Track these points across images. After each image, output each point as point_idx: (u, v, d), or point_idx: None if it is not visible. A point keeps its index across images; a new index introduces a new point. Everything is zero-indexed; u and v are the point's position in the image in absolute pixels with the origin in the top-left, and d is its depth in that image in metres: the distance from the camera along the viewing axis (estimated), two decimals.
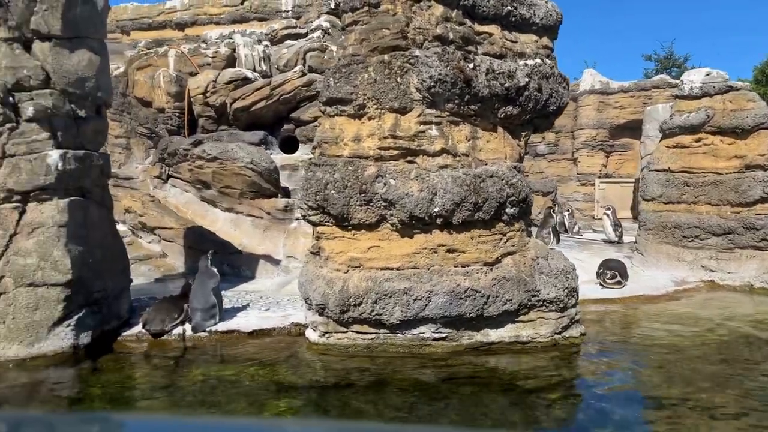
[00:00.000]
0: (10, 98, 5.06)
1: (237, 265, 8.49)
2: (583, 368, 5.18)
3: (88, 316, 5.34)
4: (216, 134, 9.76)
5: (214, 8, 11.99)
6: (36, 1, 5.21)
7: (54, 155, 5.10)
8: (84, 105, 5.57)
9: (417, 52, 4.90)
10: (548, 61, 5.73)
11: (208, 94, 9.62)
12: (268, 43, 10.73)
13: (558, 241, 8.98)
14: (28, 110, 5.10)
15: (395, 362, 5.09)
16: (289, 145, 10.44)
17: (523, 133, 5.66)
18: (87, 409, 4.41)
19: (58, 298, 5.06)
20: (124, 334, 5.75)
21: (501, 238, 5.20)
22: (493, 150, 5.30)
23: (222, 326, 5.93)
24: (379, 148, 5.04)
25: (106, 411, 4.36)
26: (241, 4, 11.85)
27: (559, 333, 5.35)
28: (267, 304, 6.86)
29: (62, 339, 5.09)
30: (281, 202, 9.20)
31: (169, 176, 9.41)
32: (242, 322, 6.07)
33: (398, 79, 4.92)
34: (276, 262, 8.81)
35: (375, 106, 5.02)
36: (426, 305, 5.01)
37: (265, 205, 9.17)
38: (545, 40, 5.88)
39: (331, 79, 5.15)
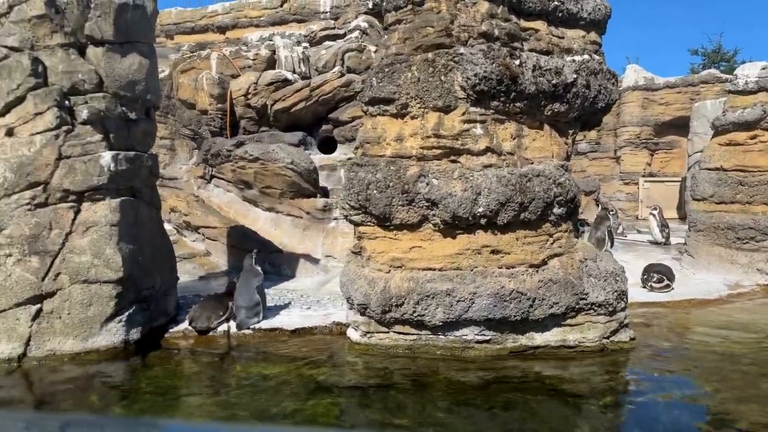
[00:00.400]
0: (66, 102, 5.27)
1: (278, 264, 8.61)
2: (633, 375, 4.99)
3: (138, 312, 5.50)
4: (257, 135, 9.92)
5: (254, 11, 12.20)
6: (90, 8, 5.41)
7: (107, 156, 5.27)
8: (134, 107, 5.74)
9: (462, 50, 4.83)
10: (596, 57, 5.56)
11: (249, 96, 9.79)
12: (307, 44, 10.84)
13: (612, 243, 8.69)
14: (83, 113, 5.29)
15: (437, 364, 5.04)
16: (328, 146, 10.52)
17: (571, 131, 5.50)
18: (136, 402, 4.54)
19: (110, 294, 5.23)
20: (171, 330, 5.90)
21: (548, 239, 5.07)
22: (539, 148, 5.17)
23: (266, 324, 6.01)
24: (422, 148, 5.00)
25: (153, 410, 4.45)
26: (281, 6, 12.01)
27: (608, 337, 5.18)
28: (308, 303, 6.92)
29: (114, 334, 5.26)
30: (320, 201, 9.28)
31: (212, 176, 9.63)
32: (285, 320, 6.13)
33: (442, 78, 4.86)
34: (315, 261, 8.88)
35: (418, 105, 4.98)
36: (469, 307, 4.94)
37: (304, 204, 9.27)
38: (593, 35, 5.70)
39: (373, 78, 5.14)
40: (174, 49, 11.83)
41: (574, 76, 5.23)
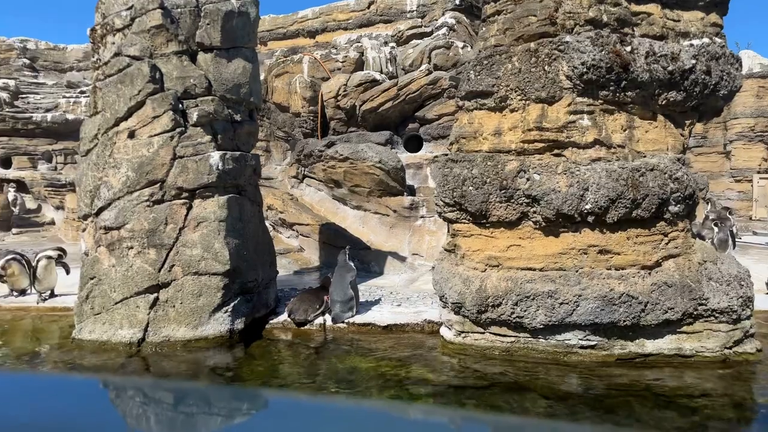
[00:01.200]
0: (180, 105, 5.66)
1: (366, 261, 8.73)
2: (761, 389, 4.47)
3: (242, 303, 5.79)
4: (345, 136, 10.13)
5: (342, 14, 12.47)
6: (200, 16, 5.78)
7: (215, 156, 5.60)
8: (239, 110, 6.06)
9: (567, 38, 4.58)
10: (718, 40, 5.05)
11: (339, 98, 10.01)
12: (394, 44, 10.90)
13: (735, 245, 7.91)
14: (194, 116, 5.66)
15: (537, 368, 4.81)
16: (414, 144, 10.51)
17: (687, 122, 5.05)
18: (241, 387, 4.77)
19: (217, 286, 5.55)
20: (271, 321, 6.16)
21: (662, 239, 4.67)
22: (652, 141, 4.79)
23: (359, 319, 6.09)
24: (522, 142, 4.81)
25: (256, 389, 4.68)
26: (368, 8, 12.19)
27: (730, 348, 4.68)
28: (398, 300, 6.94)
29: (221, 324, 5.57)
30: (407, 200, 9.29)
31: (304, 176, 9.96)
32: (377, 316, 6.18)
33: (546, 68, 4.65)
34: (402, 259, 8.90)
35: (519, 98, 4.80)
36: (573, 310, 4.67)
37: (391, 203, 9.33)
38: (713, 17, 5.19)
39: (471, 72, 5.02)
40: (267, 54, 12.40)
41: (693, 61, 4.78)
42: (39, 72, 15.86)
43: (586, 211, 4.56)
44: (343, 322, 6.02)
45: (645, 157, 4.72)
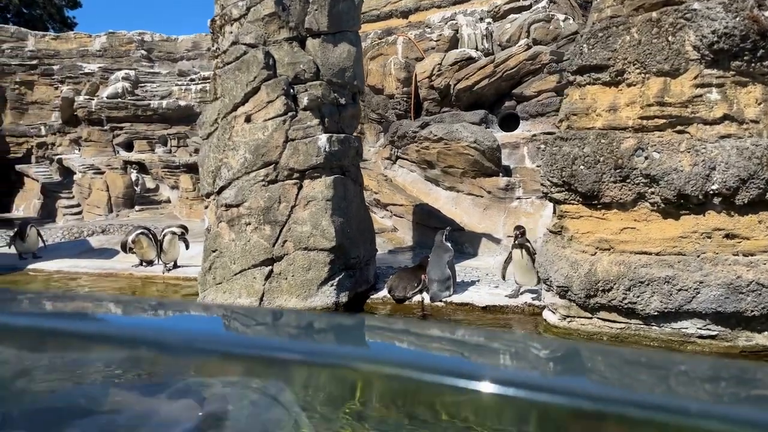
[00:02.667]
0: (291, 90, 5.97)
1: (460, 242, 8.73)
2: None
3: (346, 278, 6.08)
4: (438, 116, 10.11)
5: None
6: (309, 2, 6.02)
7: (323, 138, 5.87)
8: (343, 93, 6.27)
9: (695, 5, 4.24)
10: None
11: (433, 78, 9.99)
12: (490, 20, 10.63)
13: None
14: (304, 100, 5.95)
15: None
16: (509, 123, 10.26)
17: None
18: None
19: (324, 261, 5.87)
20: (372, 297, 6.42)
21: None
22: None
23: (456, 298, 6.17)
24: (641, 118, 4.55)
25: None
26: None
27: None
28: (495, 282, 6.90)
29: (327, 296, 5.90)
30: (502, 180, 9.13)
31: (397, 157, 10.11)
32: (475, 297, 6.22)
33: (669, 38, 4.34)
34: (497, 241, 8.81)
35: (637, 71, 4.54)
36: (693, 297, 4.41)
37: (485, 183, 9.21)
38: None
39: (584, 45, 4.81)
40: (361, 37, 12.58)
41: None
42: (154, 62, 17.32)
43: (712, 192, 4.25)
44: (440, 300, 6.13)
45: None
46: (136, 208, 14.25)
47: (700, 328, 4.52)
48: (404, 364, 1.27)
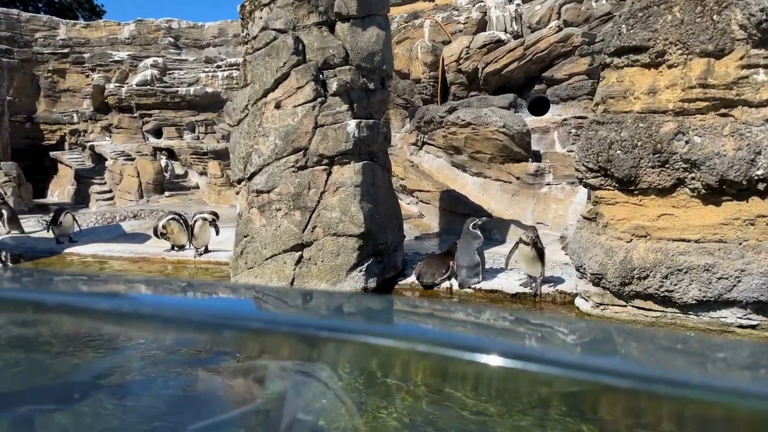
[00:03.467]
0: (320, 76, 5.94)
1: (488, 229, 8.64)
2: None
3: (374, 264, 6.09)
4: (466, 101, 9.96)
5: None
6: None
7: (352, 124, 5.84)
8: (372, 78, 6.22)
9: None
10: None
11: (461, 61, 9.83)
12: (519, 1, 10.38)
13: None
14: (333, 85, 5.92)
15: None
16: (538, 107, 10.05)
17: None
18: None
19: (353, 247, 5.88)
20: (400, 282, 6.42)
21: None
22: None
23: (485, 285, 6.13)
24: (682, 101, 4.39)
25: None
26: None
27: None
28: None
29: (356, 281, 5.92)
30: (532, 166, 8.97)
31: (423, 143, 10.03)
32: (504, 284, 6.17)
33: (714, 17, 4.16)
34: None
35: (679, 52, 4.37)
36: (734, 286, 4.28)
37: (514, 169, 9.08)
38: None
39: (623, 26, 4.65)
40: None
41: None
42: (181, 49, 17.49)
43: (756, 178, 4.09)
44: (469, 287, 6.10)
45: None
46: (166, 193, 14.52)
47: (740, 318, 4.40)
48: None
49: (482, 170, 9.37)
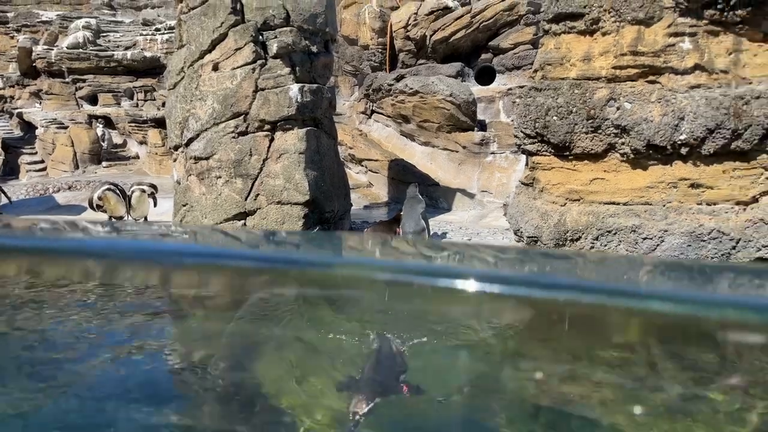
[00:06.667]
0: (260, 37, 5.74)
1: (435, 197, 8.78)
2: None
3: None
4: (414, 69, 9.92)
5: None
6: None
7: (294, 89, 5.71)
8: (315, 41, 6.07)
9: None
10: None
11: (409, 28, 9.74)
12: None
13: None
14: (273, 47, 5.74)
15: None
16: (485, 76, 10.15)
17: None
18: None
19: (298, 215, 5.83)
20: None
21: (762, 173, 4.36)
22: (761, 65, 4.36)
23: None
24: (614, 68, 4.53)
25: None
26: None
27: None
28: (468, 234, 7.01)
29: None
30: (477, 135, 9.11)
31: (372, 112, 9.96)
32: None
33: None
34: (471, 196, 8.88)
35: (612, 19, 4.48)
36: (657, 245, 4.54)
37: (460, 138, 9.19)
38: None
39: None
40: None
41: None
42: (116, 10, 16.41)
43: (680, 142, 4.31)
44: None
45: (751, 83, 4.34)
46: (104, 164, 13.83)
47: None
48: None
49: (430, 139, 9.44)
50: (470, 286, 1.58)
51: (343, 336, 1.88)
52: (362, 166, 9.50)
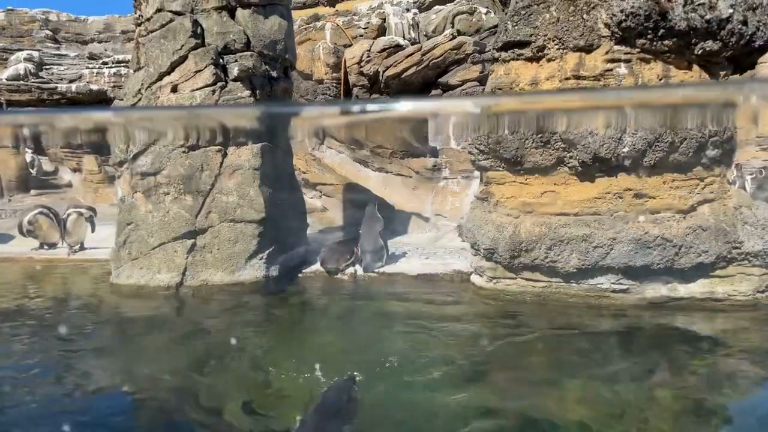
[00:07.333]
0: (221, 60, 5.76)
1: (390, 220, 8.85)
2: None
3: (276, 251, 5.95)
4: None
5: None
6: None
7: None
8: (275, 66, 6.16)
9: None
10: None
11: (362, 64, 10.06)
12: (416, 10, 10.90)
13: None
14: (234, 70, 5.76)
15: (569, 312, 4.94)
16: None
17: (722, 73, 5.06)
18: (275, 331, 4.97)
19: (253, 233, 5.71)
20: (304, 270, 6.33)
21: (698, 184, 4.75)
22: None
23: (389, 269, 6.25)
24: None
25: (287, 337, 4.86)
26: None
27: (763, 292, 4.77)
28: (425, 254, 7.08)
29: (256, 270, 5.74)
30: (430, 161, 9.39)
31: (324, 136, 10.04)
32: (406, 267, 6.34)
33: (584, 16, 4.69)
34: (426, 219, 9.03)
35: (556, 47, 4.85)
36: (607, 254, 4.78)
37: (414, 164, 9.42)
38: None
39: (508, 22, 5.07)
40: None
41: (730, 11, 4.78)
42: (61, 44, 15.97)
43: (623, 155, 4.64)
44: (373, 271, 6.18)
45: None
46: (33, 192, 13.01)
47: (614, 283, 4.91)
48: None
49: (384, 165, 9.60)
50: None
51: None
52: (317, 190, 9.49)
